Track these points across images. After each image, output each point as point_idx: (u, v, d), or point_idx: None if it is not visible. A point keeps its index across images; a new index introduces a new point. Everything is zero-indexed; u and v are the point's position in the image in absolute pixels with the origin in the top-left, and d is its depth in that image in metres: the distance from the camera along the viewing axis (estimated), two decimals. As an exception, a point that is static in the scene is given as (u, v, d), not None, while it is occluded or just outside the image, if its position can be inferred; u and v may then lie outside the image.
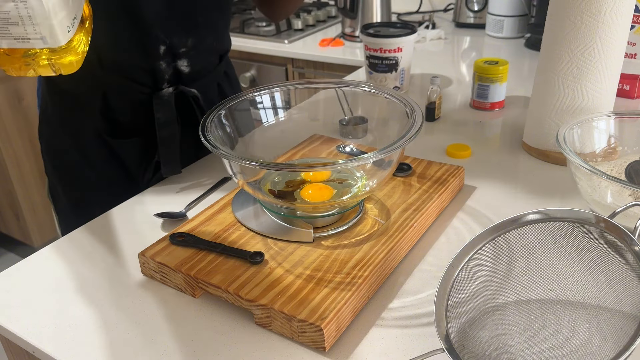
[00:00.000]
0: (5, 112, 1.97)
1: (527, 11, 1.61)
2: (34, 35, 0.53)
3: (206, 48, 0.89)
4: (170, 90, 0.85)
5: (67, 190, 0.93)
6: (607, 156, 0.79)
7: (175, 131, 0.86)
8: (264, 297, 0.56)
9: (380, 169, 0.66)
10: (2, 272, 0.69)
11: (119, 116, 0.86)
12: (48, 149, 0.93)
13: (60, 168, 0.92)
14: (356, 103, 0.79)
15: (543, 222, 0.54)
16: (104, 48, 0.79)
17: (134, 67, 0.83)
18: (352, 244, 0.64)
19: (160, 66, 0.83)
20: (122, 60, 0.82)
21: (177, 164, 0.86)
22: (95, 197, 0.91)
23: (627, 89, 1.11)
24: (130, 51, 0.81)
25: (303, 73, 1.80)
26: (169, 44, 0.82)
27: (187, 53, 0.85)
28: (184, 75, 0.87)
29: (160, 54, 0.82)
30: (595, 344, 0.47)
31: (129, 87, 0.84)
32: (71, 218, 0.93)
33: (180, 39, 0.84)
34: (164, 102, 0.84)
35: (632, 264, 0.49)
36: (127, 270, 0.67)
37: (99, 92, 0.84)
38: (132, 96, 0.85)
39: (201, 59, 0.89)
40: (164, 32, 0.81)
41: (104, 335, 0.58)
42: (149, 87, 0.84)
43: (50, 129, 0.91)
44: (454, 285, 0.54)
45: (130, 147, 0.88)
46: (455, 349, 0.50)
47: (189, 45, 0.85)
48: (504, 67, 1.06)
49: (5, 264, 2.23)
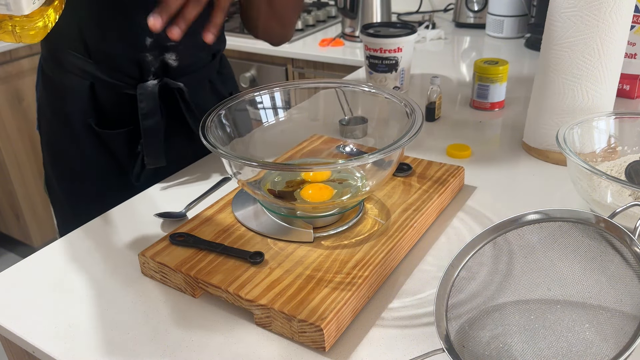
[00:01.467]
0: (5, 112, 1.97)
1: (527, 11, 1.61)
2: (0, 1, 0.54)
3: (196, 44, 0.88)
4: (155, 82, 0.86)
5: (60, 181, 0.94)
6: (607, 156, 0.79)
7: (158, 122, 0.86)
8: (264, 297, 0.56)
9: (380, 169, 0.66)
10: (2, 272, 0.69)
11: (106, 106, 0.87)
12: (44, 141, 0.95)
13: (54, 158, 0.94)
14: (356, 103, 0.79)
15: (543, 222, 0.54)
16: (91, 38, 0.81)
17: (120, 58, 0.83)
18: (352, 244, 0.64)
19: (147, 58, 0.84)
20: (109, 51, 0.83)
21: (161, 155, 0.87)
22: (87, 188, 0.92)
23: (627, 89, 1.11)
24: (117, 42, 0.82)
25: (303, 73, 1.80)
26: (155, 36, 0.83)
27: (175, 47, 0.86)
28: (171, 68, 0.87)
29: (146, 45, 0.83)
30: (595, 344, 0.47)
31: (116, 78, 0.85)
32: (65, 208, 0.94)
33: None
34: (147, 93, 0.85)
35: (632, 264, 0.49)
36: (127, 270, 0.67)
37: (87, 83, 0.85)
38: (119, 87, 0.85)
39: (190, 54, 0.89)
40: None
41: (103, 335, 0.58)
42: (135, 78, 0.85)
43: (45, 119, 0.93)
44: (454, 285, 0.54)
45: (117, 137, 0.89)
46: (455, 349, 0.50)
47: None
48: (504, 67, 1.06)
49: (5, 264, 2.23)
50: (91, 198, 0.82)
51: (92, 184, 0.92)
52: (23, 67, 1.99)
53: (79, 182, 0.93)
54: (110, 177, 0.91)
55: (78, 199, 0.88)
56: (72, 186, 0.94)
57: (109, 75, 0.84)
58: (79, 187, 0.93)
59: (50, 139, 0.94)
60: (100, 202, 0.84)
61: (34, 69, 2.03)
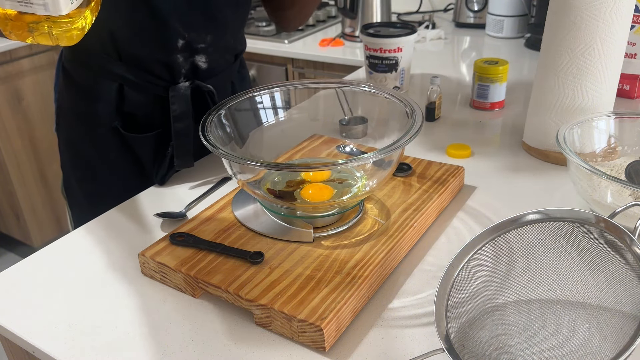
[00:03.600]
0: (5, 112, 1.97)
1: (527, 11, 1.61)
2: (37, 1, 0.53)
3: (224, 45, 0.90)
4: (187, 84, 0.86)
5: (81, 184, 0.94)
6: (607, 156, 0.79)
7: (190, 124, 0.86)
8: (264, 297, 0.56)
9: (380, 169, 0.66)
10: (2, 272, 0.69)
11: (134, 110, 0.87)
12: (64, 142, 0.94)
13: (75, 161, 0.93)
14: (356, 103, 0.79)
15: (543, 222, 0.54)
16: (123, 40, 0.80)
17: (151, 60, 0.83)
18: (352, 244, 0.64)
19: (178, 60, 0.84)
20: (140, 53, 0.83)
21: (190, 157, 0.86)
22: (108, 192, 0.91)
23: (627, 89, 1.11)
24: (149, 44, 0.82)
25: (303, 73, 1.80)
26: (187, 39, 0.83)
27: (205, 49, 0.86)
28: (200, 70, 0.87)
29: (178, 47, 0.83)
30: (595, 344, 0.47)
31: (146, 80, 0.84)
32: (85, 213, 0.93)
33: (199, 34, 0.84)
34: (180, 95, 0.85)
35: (632, 264, 0.49)
36: (127, 270, 0.67)
37: (115, 85, 0.85)
38: (149, 89, 0.85)
39: (218, 56, 0.90)
40: (182, 25, 0.82)
41: (103, 335, 0.58)
42: (165, 80, 0.85)
43: (67, 122, 0.92)
44: (454, 285, 0.54)
45: (144, 142, 0.88)
46: (455, 349, 0.50)
47: (208, 41, 0.86)
48: (504, 67, 1.06)
49: (5, 264, 2.23)
50: (113, 200, 0.82)
51: (115, 185, 0.91)
52: (23, 67, 1.99)
53: (101, 184, 0.92)
54: (133, 179, 0.90)
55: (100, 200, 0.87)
56: (94, 187, 0.93)
57: (139, 76, 0.84)
58: (101, 191, 0.92)
59: (71, 140, 0.93)
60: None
61: (34, 69, 2.03)
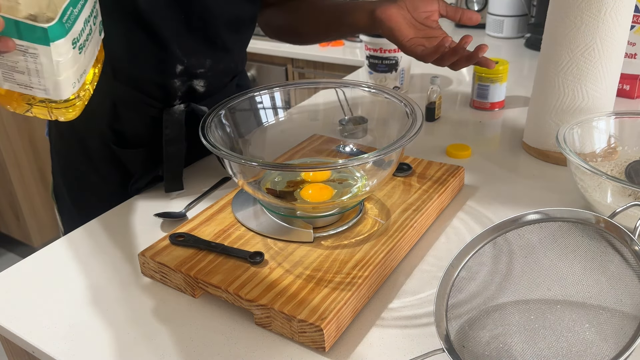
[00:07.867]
0: (6, 112, 1.97)
1: (527, 11, 1.61)
2: (38, 86, 0.51)
3: (223, 69, 0.88)
4: (182, 107, 0.84)
5: (70, 192, 0.93)
6: (607, 156, 0.79)
7: (182, 148, 0.84)
8: (264, 297, 0.56)
9: (380, 169, 0.66)
10: (2, 272, 0.69)
11: (126, 127, 0.85)
12: (55, 150, 0.93)
13: (65, 169, 0.93)
14: (356, 103, 0.79)
15: (543, 222, 0.54)
16: (119, 60, 0.78)
17: (147, 82, 0.81)
18: (352, 244, 0.64)
19: (175, 84, 0.82)
20: (136, 74, 0.81)
21: (180, 181, 0.85)
22: (98, 201, 0.90)
23: (627, 89, 1.11)
24: (146, 67, 0.80)
25: (303, 73, 1.80)
26: (186, 64, 0.81)
27: (204, 74, 0.84)
28: (197, 93, 0.86)
29: (176, 72, 0.81)
30: (595, 344, 0.47)
31: (140, 100, 0.82)
32: (73, 219, 0.93)
33: (199, 60, 0.82)
34: (174, 119, 0.83)
35: (632, 264, 0.49)
36: (127, 270, 0.67)
37: (108, 103, 0.83)
38: (142, 109, 0.83)
39: (216, 80, 0.88)
40: (182, 51, 0.80)
41: (103, 335, 0.58)
42: (160, 101, 0.83)
43: (58, 131, 0.91)
44: (454, 285, 0.54)
45: (135, 156, 0.87)
46: (455, 349, 0.50)
47: (207, 66, 0.84)
48: (504, 67, 1.06)
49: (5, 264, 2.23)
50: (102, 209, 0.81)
51: (104, 197, 0.90)
52: (23, 67, 1.99)
53: (91, 195, 0.91)
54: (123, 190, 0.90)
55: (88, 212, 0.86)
56: (83, 198, 0.92)
57: (133, 96, 0.82)
58: (90, 199, 0.91)
59: (61, 150, 0.92)
60: None
61: (34, 69, 2.03)
